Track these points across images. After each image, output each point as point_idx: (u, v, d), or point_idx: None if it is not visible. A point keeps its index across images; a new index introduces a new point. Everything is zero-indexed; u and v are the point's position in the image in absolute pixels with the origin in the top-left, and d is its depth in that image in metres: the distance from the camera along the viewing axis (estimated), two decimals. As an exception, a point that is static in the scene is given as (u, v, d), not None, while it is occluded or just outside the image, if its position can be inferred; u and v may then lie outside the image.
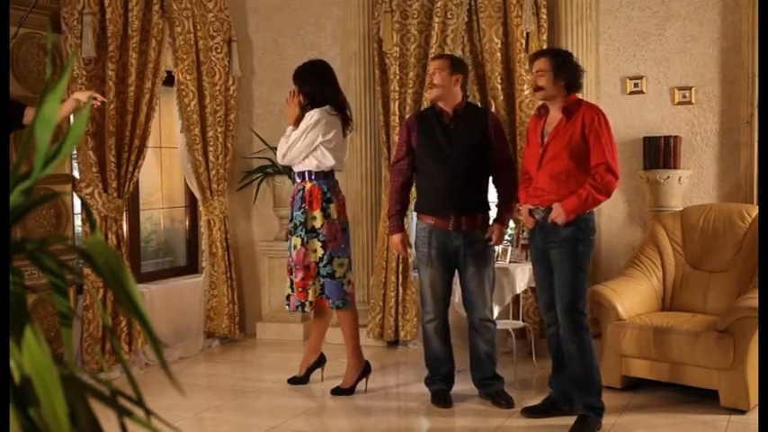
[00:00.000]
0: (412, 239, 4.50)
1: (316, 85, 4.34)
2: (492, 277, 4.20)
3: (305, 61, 4.52)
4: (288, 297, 4.45)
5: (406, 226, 4.47)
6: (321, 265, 4.29)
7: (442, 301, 4.18)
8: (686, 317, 4.25)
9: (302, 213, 4.30)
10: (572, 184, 3.65)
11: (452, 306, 4.41)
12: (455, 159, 4.06)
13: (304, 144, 4.27)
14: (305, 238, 4.29)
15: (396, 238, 4.25)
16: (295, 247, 4.32)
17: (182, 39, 5.32)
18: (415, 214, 4.44)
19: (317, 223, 4.29)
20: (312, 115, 4.27)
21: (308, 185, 4.32)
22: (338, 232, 4.34)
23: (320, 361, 4.64)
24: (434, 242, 4.08)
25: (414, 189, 4.37)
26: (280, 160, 4.48)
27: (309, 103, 4.33)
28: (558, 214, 3.64)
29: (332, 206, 4.32)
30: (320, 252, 4.29)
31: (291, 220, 4.38)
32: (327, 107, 4.31)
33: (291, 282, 4.38)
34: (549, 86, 3.69)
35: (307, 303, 4.33)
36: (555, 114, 3.75)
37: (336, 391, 4.38)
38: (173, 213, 6.06)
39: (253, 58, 6.09)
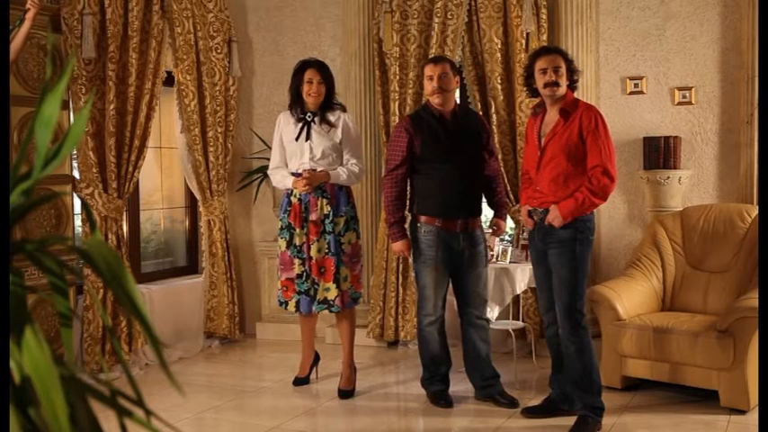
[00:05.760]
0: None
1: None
2: (487, 276, 4.23)
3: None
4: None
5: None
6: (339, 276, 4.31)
7: (443, 302, 4.19)
8: (686, 317, 4.25)
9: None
10: (571, 186, 3.65)
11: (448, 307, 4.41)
12: (463, 161, 4.05)
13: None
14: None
15: (401, 245, 4.14)
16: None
17: (182, 39, 5.32)
18: (409, 216, 4.30)
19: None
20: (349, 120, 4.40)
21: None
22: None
23: (315, 359, 4.66)
24: (441, 244, 4.05)
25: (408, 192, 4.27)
26: (360, 179, 4.51)
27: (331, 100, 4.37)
28: (554, 217, 3.64)
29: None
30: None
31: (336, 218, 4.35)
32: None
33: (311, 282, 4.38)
34: (564, 84, 3.70)
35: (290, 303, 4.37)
36: (552, 115, 3.74)
37: (346, 394, 4.36)
38: (173, 213, 6.06)
39: (253, 59, 6.09)
